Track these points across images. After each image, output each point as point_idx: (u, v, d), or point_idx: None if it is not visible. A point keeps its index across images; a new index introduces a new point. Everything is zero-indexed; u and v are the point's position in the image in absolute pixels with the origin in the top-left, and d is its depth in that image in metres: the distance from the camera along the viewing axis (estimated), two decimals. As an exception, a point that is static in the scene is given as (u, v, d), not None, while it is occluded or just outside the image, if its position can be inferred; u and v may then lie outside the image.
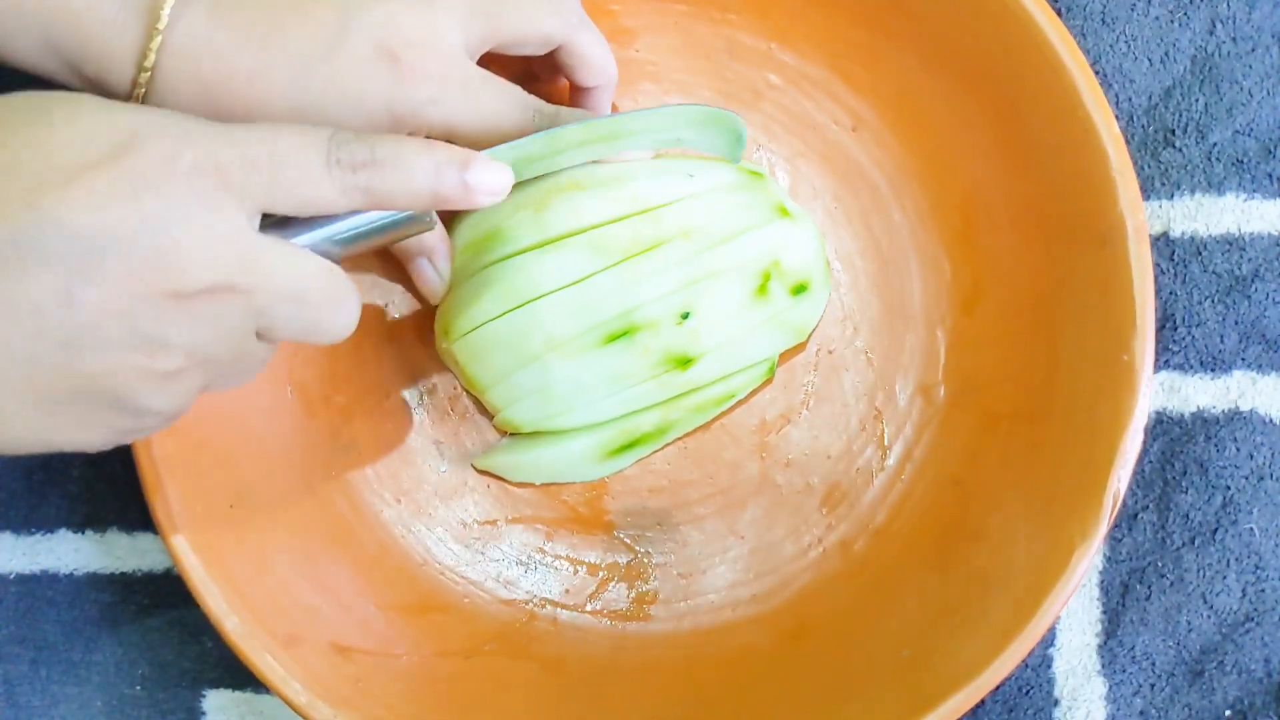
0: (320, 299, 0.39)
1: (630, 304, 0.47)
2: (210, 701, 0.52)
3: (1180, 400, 0.52)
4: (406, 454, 0.52)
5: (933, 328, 0.52)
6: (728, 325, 0.48)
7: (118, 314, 0.35)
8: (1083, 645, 0.51)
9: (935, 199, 0.52)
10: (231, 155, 0.37)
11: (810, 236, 0.50)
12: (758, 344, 0.50)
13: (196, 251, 0.36)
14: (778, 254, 0.49)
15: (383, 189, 0.39)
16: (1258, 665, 0.50)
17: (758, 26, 0.53)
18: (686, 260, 0.47)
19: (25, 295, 0.34)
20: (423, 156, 0.40)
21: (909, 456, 0.51)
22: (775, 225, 0.49)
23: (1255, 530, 0.51)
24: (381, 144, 0.39)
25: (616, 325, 0.47)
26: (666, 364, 0.48)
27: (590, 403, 0.49)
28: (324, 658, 0.46)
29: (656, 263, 0.47)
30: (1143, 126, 0.53)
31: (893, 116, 0.52)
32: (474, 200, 0.41)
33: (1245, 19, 0.53)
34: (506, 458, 0.51)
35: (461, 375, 0.50)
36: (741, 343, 0.49)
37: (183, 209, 0.35)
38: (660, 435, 0.51)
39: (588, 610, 0.51)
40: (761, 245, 0.48)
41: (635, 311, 0.47)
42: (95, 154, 0.35)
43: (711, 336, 0.48)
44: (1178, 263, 0.52)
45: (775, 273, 0.48)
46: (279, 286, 0.38)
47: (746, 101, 0.53)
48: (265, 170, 0.37)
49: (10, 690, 0.52)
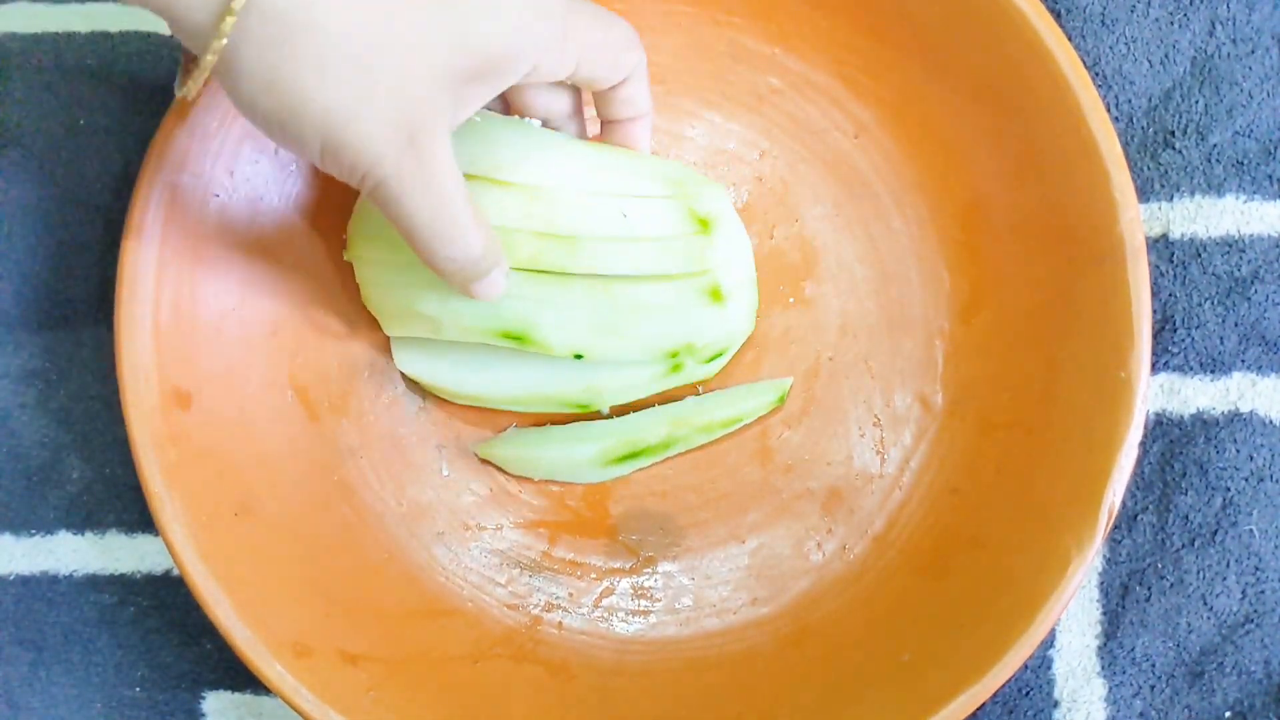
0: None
1: (529, 318, 0.47)
2: (210, 703, 0.52)
3: (1180, 402, 0.52)
4: (409, 458, 0.52)
5: (931, 336, 0.52)
6: (625, 375, 0.49)
7: None
8: (1083, 647, 0.51)
9: (936, 208, 0.52)
10: None
11: (739, 314, 0.49)
12: (658, 385, 0.50)
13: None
14: (692, 339, 0.48)
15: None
16: (1257, 667, 0.50)
17: (762, 30, 0.53)
18: (592, 306, 0.47)
19: None
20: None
21: (907, 464, 0.51)
22: (697, 312, 0.48)
23: (1255, 532, 0.51)
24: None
25: (514, 329, 0.47)
26: (563, 365, 0.49)
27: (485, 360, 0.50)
28: (334, 666, 0.47)
29: (559, 291, 0.47)
30: (1142, 128, 0.53)
31: (895, 124, 0.52)
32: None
33: (1245, 20, 0.53)
34: (508, 450, 0.51)
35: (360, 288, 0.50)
36: (641, 388, 0.50)
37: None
38: (664, 449, 0.51)
39: (592, 614, 0.51)
40: (676, 331, 0.48)
41: (532, 330, 0.47)
42: None
43: (605, 381, 0.49)
44: (1177, 264, 0.52)
45: (687, 352, 0.49)
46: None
47: (749, 105, 0.53)
48: None
49: (9, 691, 0.52)
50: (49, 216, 0.53)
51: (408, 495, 0.51)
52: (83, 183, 0.53)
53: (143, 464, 0.46)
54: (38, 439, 0.53)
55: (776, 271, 0.53)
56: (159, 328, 0.47)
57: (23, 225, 0.52)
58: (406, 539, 0.51)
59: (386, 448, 0.52)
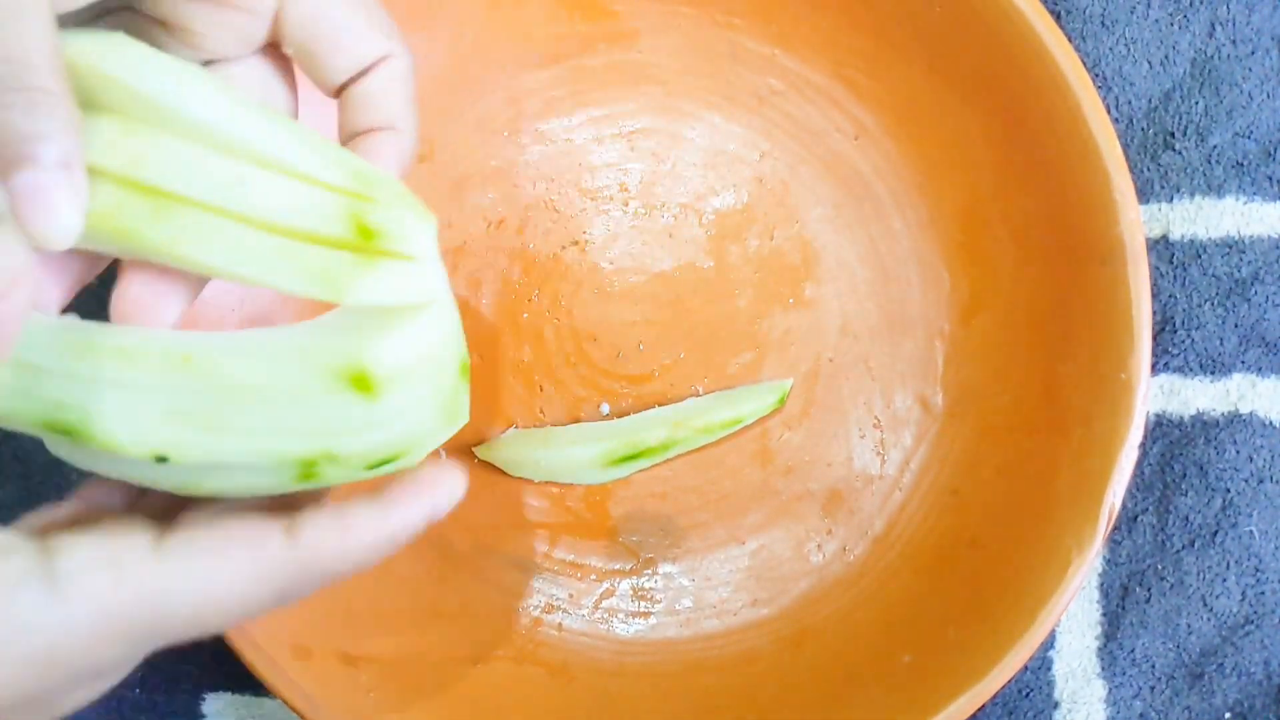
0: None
1: (83, 404, 0.31)
2: (210, 705, 0.52)
3: (1180, 403, 0.52)
4: (409, 459, 0.52)
5: (931, 337, 0.52)
6: (238, 480, 0.33)
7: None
8: (1082, 648, 0.51)
9: (936, 210, 0.52)
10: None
11: (411, 413, 0.33)
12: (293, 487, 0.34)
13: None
14: (330, 444, 0.32)
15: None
16: (1258, 668, 0.50)
17: (762, 31, 0.53)
18: (171, 387, 0.31)
19: None
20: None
21: (907, 465, 0.51)
22: (330, 407, 0.31)
23: (1255, 533, 0.51)
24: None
25: (63, 418, 0.32)
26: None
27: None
28: (334, 668, 0.47)
29: (125, 365, 0.31)
30: (1142, 129, 0.53)
31: (895, 126, 0.52)
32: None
33: (1245, 22, 0.53)
34: (508, 452, 0.51)
35: None
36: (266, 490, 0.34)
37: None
38: (664, 450, 0.51)
39: (592, 615, 0.51)
40: (301, 428, 0.31)
41: (90, 421, 0.31)
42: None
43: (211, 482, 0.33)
44: (1177, 266, 0.52)
45: (327, 460, 0.32)
46: None
47: (749, 106, 0.53)
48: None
49: (11, 693, 0.52)
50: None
51: (407, 496, 0.51)
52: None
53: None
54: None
55: (776, 273, 0.53)
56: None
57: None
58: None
59: (386, 449, 0.51)
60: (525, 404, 0.52)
